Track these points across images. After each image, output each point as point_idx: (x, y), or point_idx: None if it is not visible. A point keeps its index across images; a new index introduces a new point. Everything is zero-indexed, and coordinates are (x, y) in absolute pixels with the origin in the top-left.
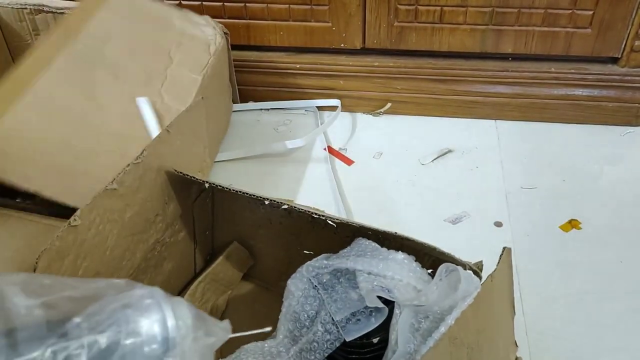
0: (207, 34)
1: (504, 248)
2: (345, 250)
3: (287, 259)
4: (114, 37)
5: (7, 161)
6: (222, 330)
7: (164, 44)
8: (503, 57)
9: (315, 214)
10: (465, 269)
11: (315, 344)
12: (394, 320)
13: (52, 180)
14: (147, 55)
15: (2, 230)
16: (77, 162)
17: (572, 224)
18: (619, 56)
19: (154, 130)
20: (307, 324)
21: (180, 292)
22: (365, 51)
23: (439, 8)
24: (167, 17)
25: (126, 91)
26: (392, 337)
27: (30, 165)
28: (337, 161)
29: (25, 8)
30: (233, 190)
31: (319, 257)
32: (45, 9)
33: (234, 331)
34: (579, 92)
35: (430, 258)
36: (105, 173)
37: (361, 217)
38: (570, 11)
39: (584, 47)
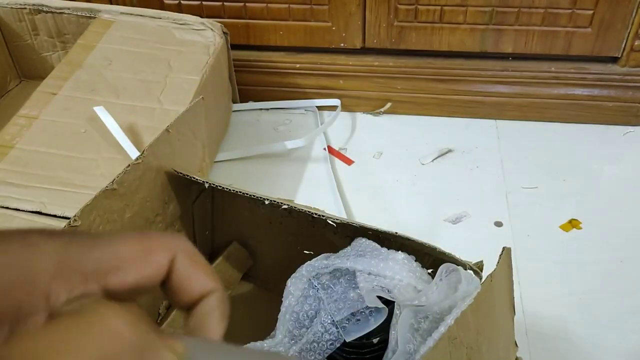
0: (206, 37)
1: (504, 248)
2: (345, 250)
3: (286, 259)
4: (114, 61)
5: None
6: None
7: (163, 56)
8: (503, 56)
9: (315, 214)
10: (465, 269)
11: (315, 344)
12: (394, 321)
13: (53, 196)
14: (147, 70)
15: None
16: (77, 175)
17: (573, 223)
18: (619, 56)
19: (119, 135)
20: (306, 324)
21: None
22: (365, 51)
23: (438, 8)
24: (167, 31)
25: (126, 106)
26: (392, 337)
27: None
28: (337, 161)
29: (25, 8)
30: (233, 190)
31: (318, 257)
32: (45, 9)
33: (233, 332)
34: (579, 91)
35: (430, 258)
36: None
37: (361, 217)
38: (570, 11)
39: (584, 47)
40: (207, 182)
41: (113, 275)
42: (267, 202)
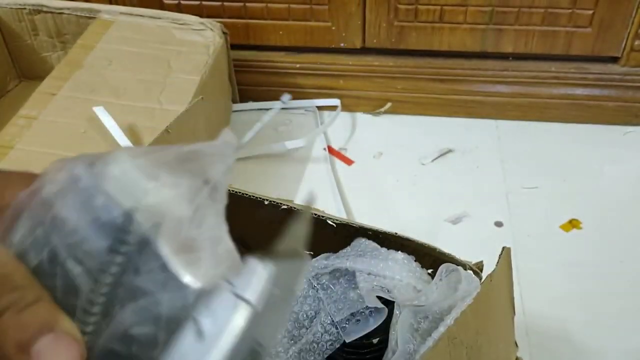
0: (206, 37)
1: (504, 248)
2: (345, 251)
3: None
4: (114, 62)
5: None
6: None
7: (163, 56)
8: (503, 56)
9: (315, 214)
10: (465, 269)
11: (315, 344)
12: (393, 321)
13: None
14: (147, 70)
15: None
16: None
17: (573, 223)
18: (619, 55)
19: (118, 135)
20: (306, 324)
21: None
22: (365, 51)
23: (439, 7)
24: (167, 31)
25: (126, 106)
26: (391, 337)
27: None
28: (337, 161)
29: (25, 8)
30: (233, 190)
31: (318, 257)
32: (45, 9)
33: None
34: (579, 91)
35: (430, 258)
36: None
37: (361, 217)
38: (570, 11)
39: (584, 47)
40: None
41: None
42: (267, 202)
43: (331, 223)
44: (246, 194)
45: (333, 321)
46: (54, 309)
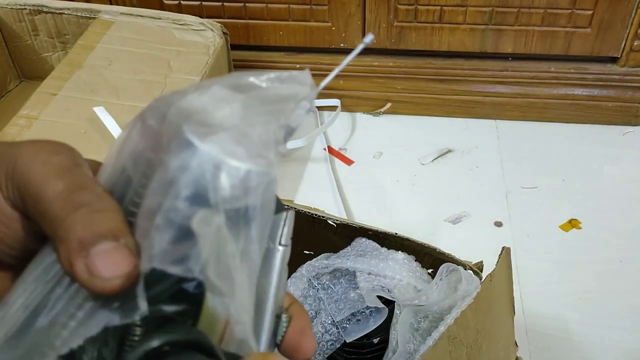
0: (206, 37)
1: (504, 248)
2: (345, 250)
3: None
4: (114, 62)
5: None
6: None
7: (163, 57)
8: (503, 56)
9: (315, 214)
10: (465, 269)
11: None
12: (394, 320)
13: None
14: (147, 71)
15: None
16: None
17: (572, 223)
18: (619, 56)
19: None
20: None
21: None
22: (365, 51)
23: (438, 8)
24: (167, 31)
25: (126, 106)
26: (392, 337)
27: None
28: (337, 161)
29: (25, 8)
30: None
31: (319, 257)
32: (45, 9)
33: None
34: (578, 91)
35: (430, 258)
36: None
37: (361, 217)
38: (570, 11)
39: (583, 47)
40: None
41: None
42: None
43: (331, 223)
44: None
45: (334, 321)
46: (123, 223)
